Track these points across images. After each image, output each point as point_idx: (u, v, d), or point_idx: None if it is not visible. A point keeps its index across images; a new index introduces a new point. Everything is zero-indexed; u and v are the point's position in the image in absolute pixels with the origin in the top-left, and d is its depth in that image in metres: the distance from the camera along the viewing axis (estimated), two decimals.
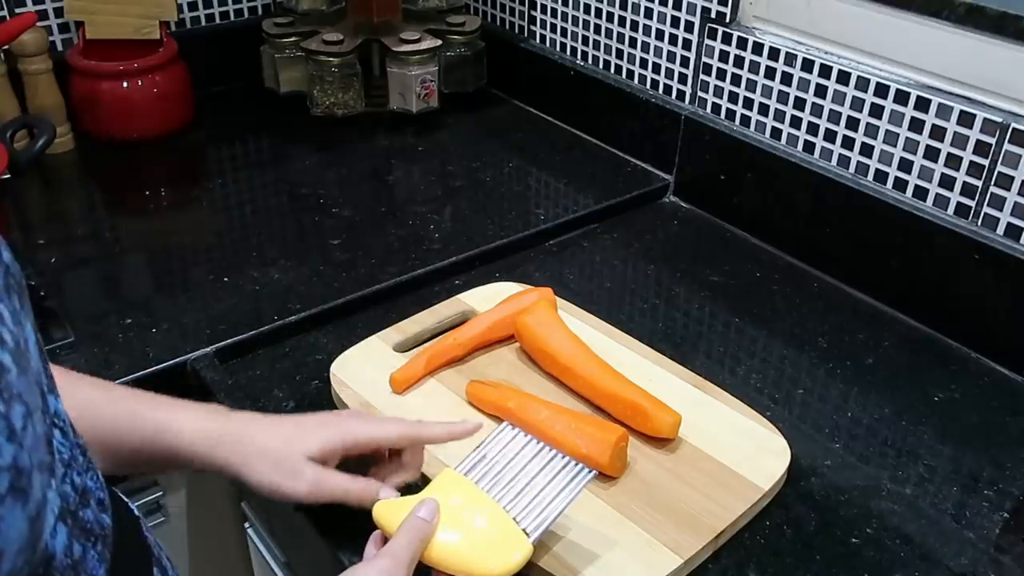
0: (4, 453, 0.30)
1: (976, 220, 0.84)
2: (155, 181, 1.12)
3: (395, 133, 1.23)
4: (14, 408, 0.31)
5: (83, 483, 0.41)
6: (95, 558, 0.40)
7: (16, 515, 0.30)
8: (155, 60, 1.14)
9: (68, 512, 0.39)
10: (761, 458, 0.69)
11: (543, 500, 0.57)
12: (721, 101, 1.05)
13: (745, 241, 1.03)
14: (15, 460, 0.30)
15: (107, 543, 0.42)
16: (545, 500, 0.58)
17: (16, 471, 0.30)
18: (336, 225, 1.01)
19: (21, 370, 0.33)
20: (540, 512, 0.57)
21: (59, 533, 0.37)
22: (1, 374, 0.31)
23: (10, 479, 0.30)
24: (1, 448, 0.30)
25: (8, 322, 0.33)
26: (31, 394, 0.33)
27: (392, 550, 0.53)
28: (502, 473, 0.59)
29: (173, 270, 0.93)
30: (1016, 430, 0.76)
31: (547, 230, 1.01)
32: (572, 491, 0.58)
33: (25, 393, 0.33)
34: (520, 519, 0.56)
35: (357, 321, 0.86)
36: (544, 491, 0.58)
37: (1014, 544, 0.65)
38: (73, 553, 0.38)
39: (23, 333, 0.35)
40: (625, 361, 0.77)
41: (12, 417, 0.31)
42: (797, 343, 0.85)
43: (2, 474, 0.30)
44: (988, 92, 0.82)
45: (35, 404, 0.34)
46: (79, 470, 0.41)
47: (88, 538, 0.40)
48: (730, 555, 0.63)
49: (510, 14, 1.32)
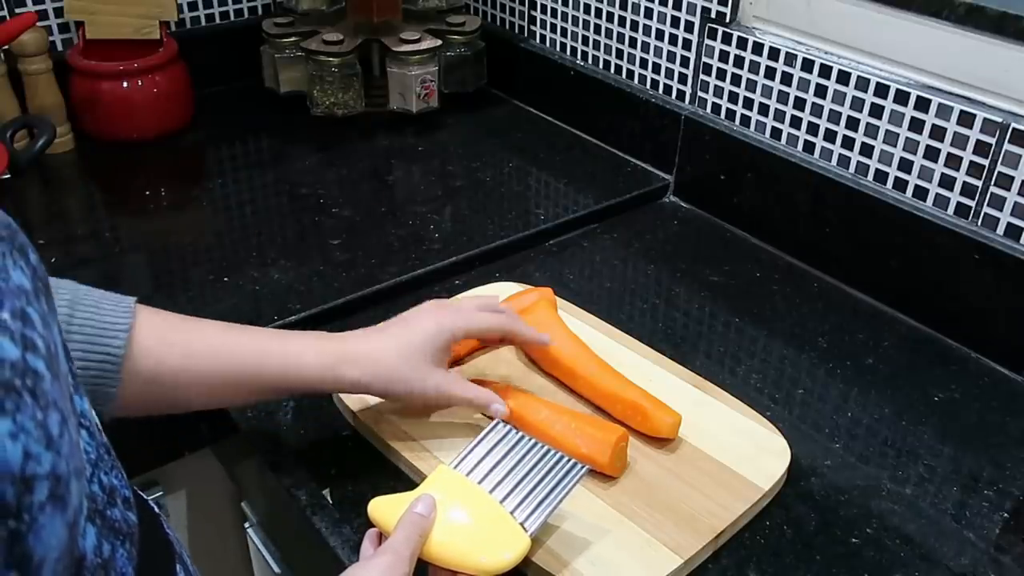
0: (43, 461, 0.30)
1: (976, 220, 0.84)
2: (155, 181, 1.12)
3: (395, 133, 1.23)
4: (51, 415, 0.31)
5: (109, 482, 0.41)
6: (124, 556, 0.40)
7: (56, 523, 0.30)
8: (155, 60, 1.14)
9: (96, 512, 0.39)
10: (761, 458, 0.69)
11: (539, 495, 0.58)
12: (721, 101, 1.05)
13: (745, 241, 1.03)
14: (54, 468, 0.30)
15: (134, 541, 0.42)
16: (541, 495, 0.58)
17: (55, 479, 0.30)
18: (336, 225, 1.01)
19: (54, 376, 0.33)
20: (536, 506, 0.57)
21: (88, 534, 0.37)
22: (37, 381, 0.31)
23: (49, 487, 0.30)
24: (40, 456, 0.30)
25: (39, 326, 0.33)
26: (64, 399, 0.33)
27: (392, 546, 0.53)
28: (496, 469, 0.59)
29: (173, 270, 0.93)
30: (1016, 430, 0.76)
31: (547, 230, 1.01)
32: (567, 485, 0.58)
33: (59, 399, 0.32)
34: (517, 513, 0.56)
35: (357, 321, 0.86)
36: (539, 486, 0.58)
37: (1014, 544, 0.65)
38: (103, 552, 0.38)
39: (52, 336, 0.34)
40: (625, 361, 0.77)
41: (49, 425, 0.31)
42: (797, 343, 0.85)
43: (41, 482, 0.29)
44: (988, 92, 0.82)
45: (68, 409, 0.33)
46: (105, 469, 0.41)
47: (116, 537, 0.40)
48: (730, 555, 0.63)
49: (510, 14, 1.32)
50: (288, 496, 0.67)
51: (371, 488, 0.63)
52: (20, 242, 0.37)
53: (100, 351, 0.56)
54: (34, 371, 0.31)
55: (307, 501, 0.66)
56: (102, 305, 0.58)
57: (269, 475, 0.70)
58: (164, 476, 0.88)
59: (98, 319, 0.57)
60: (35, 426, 0.30)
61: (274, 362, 0.63)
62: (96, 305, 0.58)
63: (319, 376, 0.63)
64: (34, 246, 0.37)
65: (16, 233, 0.36)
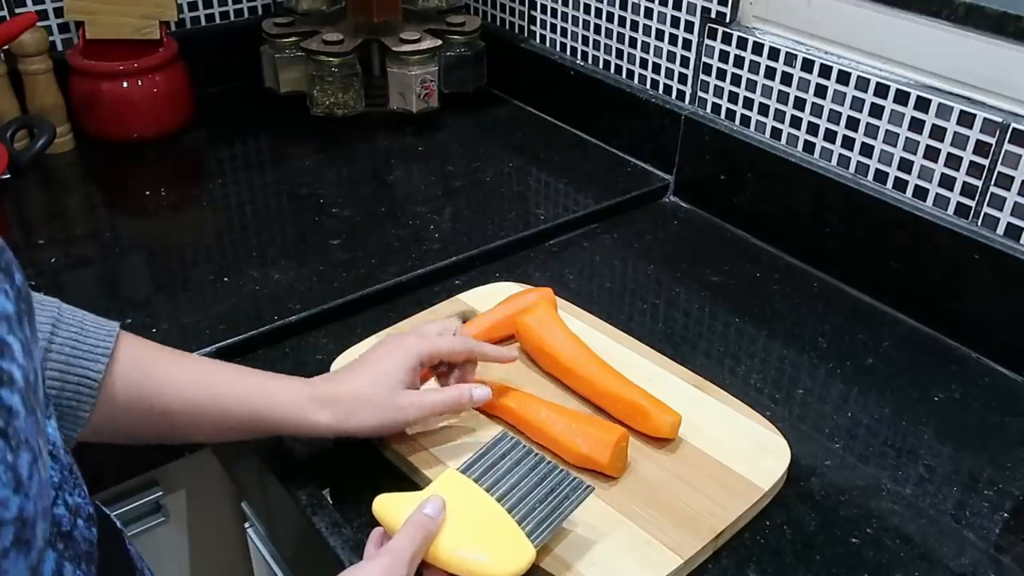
0: (11, 506, 0.29)
1: (976, 220, 0.84)
2: (155, 181, 1.12)
3: (395, 133, 1.23)
4: (21, 456, 0.30)
5: (74, 502, 0.41)
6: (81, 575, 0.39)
7: (19, 567, 0.30)
8: (155, 60, 1.14)
9: (59, 535, 0.38)
10: (761, 458, 0.69)
11: (544, 508, 0.58)
12: (721, 101, 1.05)
13: (745, 241, 1.03)
14: (21, 511, 0.30)
15: (93, 559, 0.41)
16: (547, 509, 0.58)
17: (21, 523, 0.30)
18: (336, 225, 1.00)
19: (29, 410, 0.32)
20: (543, 520, 0.57)
21: (48, 559, 0.36)
22: (10, 420, 0.30)
23: (15, 532, 0.29)
24: (8, 501, 0.29)
25: (19, 356, 0.32)
26: (36, 434, 0.32)
27: (394, 548, 0.52)
28: (504, 479, 0.59)
29: (173, 270, 0.93)
30: (1016, 430, 0.76)
31: (547, 230, 1.01)
32: (574, 502, 0.59)
33: (32, 436, 0.31)
34: (523, 525, 0.56)
35: (357, 321, 0.86)
36: (546, 501, 0.58)
37: (1014, 544, 0.65)
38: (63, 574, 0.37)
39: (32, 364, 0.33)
40: (625, 361, 0.77)
41: (19, 467, 0.30)
42: (797, 343, 0.85)
43: (7, 528, 0.29)
44: (988, 92, 0.82)
45: (40, 446, 0.32)
46: (69, 490, 0.41)
47: (77, 558, 0.39)
48: (730, 555, 0.63)
49: (510, 14, 1.32)
50: (288, 496, 0.67)
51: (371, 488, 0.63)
52: (5, 260, 0.35)
53: (78, 373, 0.55)
54: (8, 408, 0.30)
55: (307, 501, 0.66)
56: (86, 327, 0.57)
57: (269, 475, 0.70)
58: (164, 476, 0.88)
59: (80, 340, 0.56)
60: (4, 469, 0.29)
61: (250, 399, 0.62)
62: (80, 326, 0.57)
63: (293, 416, 0.62)
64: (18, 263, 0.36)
65: (2, 251, 0.35)
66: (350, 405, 0.63)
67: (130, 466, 0.83)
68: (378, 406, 0.63)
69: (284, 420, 0.62)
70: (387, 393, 0.64)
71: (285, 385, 0.63)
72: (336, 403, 0.63)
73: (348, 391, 0.63)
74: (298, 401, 0.62)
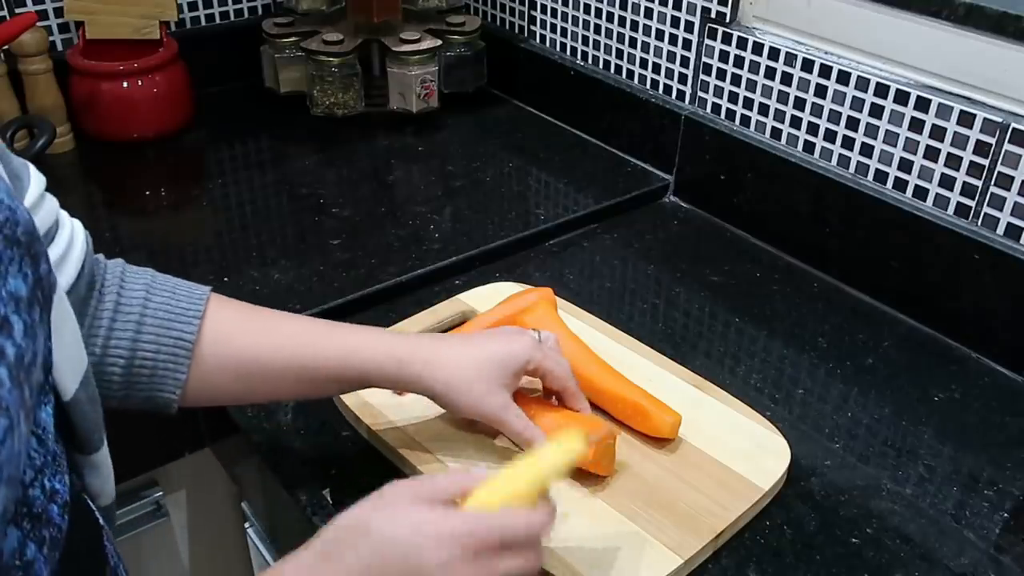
0: None
1: (976, 220, 0.84)
2: (155, 181, 1.12)
3: (395, 133, 1.23)
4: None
5: (52, 486, 0.41)
6: (42, 561, 0.39)
7: None
8: (155, 60, 1.14)
9: (29, 515, 0.39)
10: (761, 458, 0.69)
11: None
12: (721, 101, 1.05)
13: (745, 241, 1.03)
14: None
15: (58, 545, 0.41)
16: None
17: None
18: (336, 225, 1.01)
19: (15, 384, 0.33)
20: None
21: (10, 536, 0.37)
22: None
23: None
24: None
25: (17, 335, 0.33)
26: (19, 407, 0.33)
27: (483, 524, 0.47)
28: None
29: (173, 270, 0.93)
30: (1016, 430, 0.76)
31: (547, 230, 1.01)
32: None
33: (13, 406, 0.33)
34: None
35: (357, 321, 0.86)
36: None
37: (1014, 544, 0.65)
38: (25, 555, 0.38)
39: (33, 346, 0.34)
40: (625, 361, 0.77)
41: None
42: (797, 343, 0.86)
43: None
44: (988, 92, 0.82)
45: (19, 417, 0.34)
46: (49, 475, 0.41)
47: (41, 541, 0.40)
48: (730, 555, 0.63)
49: (510, 14, 1.32)
50: (288, 496, 0.67)
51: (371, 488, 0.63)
52: (36, 250, 0.37)
53: (173, 336, 0.57)
54: None
55: (307, 501, 0.66)
56: (177, 292, 0.59)
57: (269, 475, 0.70)
58: (164, 476, 0.88)
59: (173, 304, 0.58)
60: None
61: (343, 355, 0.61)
62: (172, 291, 0.59)
63: (394, 371, 0.62)
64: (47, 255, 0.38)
65: (34, 241, 0.37)
66: (448, 374, 0.62)
67: (130, 466, 0.83)
68: (470, 385, 0.62)
69: (382, 375, 0.62)
70: (485, 381, 0.62)
71: (375, 340, 0.62)
72: (433, 367, 0.62)
73: (452, 363, 0.62)
74: (399, 356, 0.61)
